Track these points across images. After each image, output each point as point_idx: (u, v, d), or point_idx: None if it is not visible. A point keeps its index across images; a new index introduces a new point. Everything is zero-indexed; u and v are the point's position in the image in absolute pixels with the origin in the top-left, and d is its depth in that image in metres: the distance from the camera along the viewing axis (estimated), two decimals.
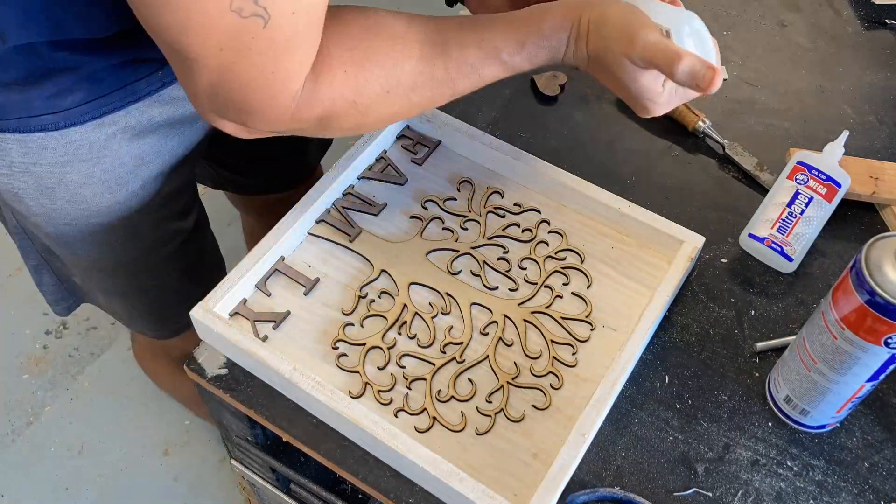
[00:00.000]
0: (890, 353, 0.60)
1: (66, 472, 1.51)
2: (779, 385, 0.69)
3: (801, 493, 0.67)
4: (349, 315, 0.74)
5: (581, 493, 0.66)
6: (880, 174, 0.84)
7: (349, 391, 0.69)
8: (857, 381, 0.63)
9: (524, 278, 0.77)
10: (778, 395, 0.70)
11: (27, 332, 1.67)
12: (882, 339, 0.59)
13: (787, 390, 0.68)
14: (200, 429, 1.56)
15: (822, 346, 0.63)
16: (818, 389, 0.65)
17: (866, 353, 0.60)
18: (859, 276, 0.58)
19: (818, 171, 0.78)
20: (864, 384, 0.64)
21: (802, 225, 0.78)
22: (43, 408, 1.58)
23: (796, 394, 0.68)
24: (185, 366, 0.73)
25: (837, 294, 0.61)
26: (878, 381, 0.64)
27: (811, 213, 0.78)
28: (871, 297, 0.57)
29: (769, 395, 0.71)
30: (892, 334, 0.58)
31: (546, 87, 0.94)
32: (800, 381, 0.67)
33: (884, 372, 0.62)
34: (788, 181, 0.79)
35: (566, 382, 0.71)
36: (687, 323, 0.76)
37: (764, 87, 0.97)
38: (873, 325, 0.58)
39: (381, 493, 0.67)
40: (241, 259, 0.75)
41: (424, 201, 0.82)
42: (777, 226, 0.78)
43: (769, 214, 0.79)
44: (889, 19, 1.05)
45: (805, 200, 0.78)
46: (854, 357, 0.61)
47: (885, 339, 0.59)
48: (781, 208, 0.78)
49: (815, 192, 0.78)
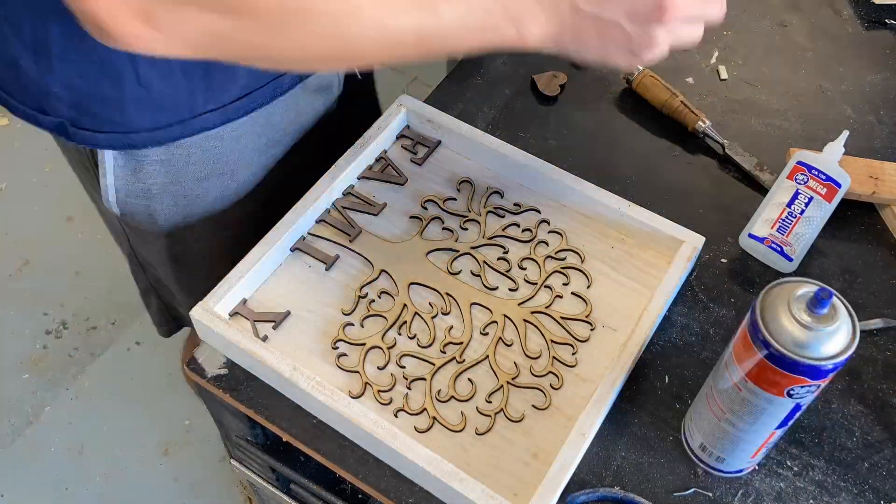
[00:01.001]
0: (794, 402, 0.57)
1: (66, 472, 1.51)
2: (693, 432, 0.67)
3: (801, 493, 0.67)
4: (349, 315, 0.74)
5: (581, 493, 0.65)
6: (880, 174, 0.84)
7: (349, 391, 0.69)
8: (767, 429, 0.61)
9: (524, 278, 0.77)
10: (693, 443, 0.67)
11: (27, 332, 1.67)
12: (784, 391, 0.56)
13: (701, 438, 0.66)
14: (200, 429, 1.56)
15: (728, 397, 0.61)
16: (730, 438, 0.63)
17: (772, 404, 0.58)
18: (755, 328, 0.55)
19: (818, 171, 0.78)
20: (774, 431, 0.61)
21: (802, 225, 0.78)
22: (43, 408, 1.58)
23: (710, 441, 0.65)
24: (185, 366, 0.73)
25: (738, 346, 0.58)
26: (787, 427, 0.61)
27: (811, 212, 0.77)
28: (769, 351, 0.54)
29: (684, 440, 0.69)
30: (793, 386, 0.55)
31: (546, 87, 0.94)
32: (712, 430, 0.64)
33: (792, 418, 0.60)
34: (788, 181, 0.79)
35: (566, 382, 0.71)
36: (687, 323, 0.76)
37: (764, 87, 0.97)
38: (774, 377, 0.56)
39: (381, 493, 0.67)
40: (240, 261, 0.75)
41: (424, 201, 0.82)
42: (777, 226, 0.78)
43: (769, 214, 0.79)
44: (889, 19, 1.05)
45: (805, 200, 0.78)
46: (760, 408, 0.59)
47: (788, 391, 0.56)
48: (781, 208, 0.78)
49: (814, 192, 0.77)
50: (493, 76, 0.97)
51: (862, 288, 0.79)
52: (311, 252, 0.78)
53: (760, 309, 0.55)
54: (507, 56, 0.99)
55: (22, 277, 1.73)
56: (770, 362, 0.55)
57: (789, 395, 0.56)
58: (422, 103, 0.87)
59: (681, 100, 0.90)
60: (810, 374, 0.54)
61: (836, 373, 0.55)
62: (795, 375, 0.55)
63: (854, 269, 0.81)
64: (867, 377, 0.74)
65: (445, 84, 0.96)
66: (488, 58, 0.99)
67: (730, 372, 0.60)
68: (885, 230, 0.84)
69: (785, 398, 0.57)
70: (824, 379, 0.55)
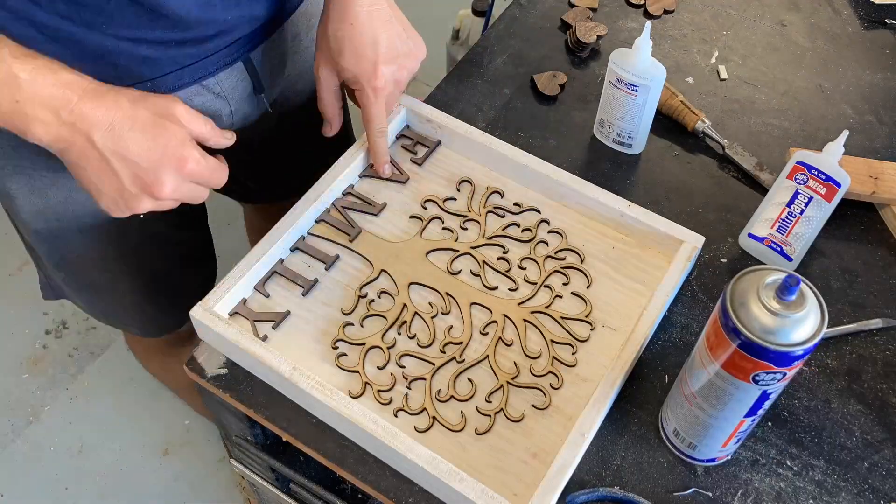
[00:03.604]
0: (760, 389, 0.58)
1: (66, 472, 1.51)
2: (668, 418, 0.68)
3: (800, 492, 0.67)
4: (349, 315, 0.74)
5: (581, 493, 0.65)
6: (880, 174, 0.84)
7: (349, 391, 0.69)
8: (735, 416, 0.61)
9: (524, 278, 0.77)
10: (668, 428, 0.68)
11: (27, 332, 1.67)
12: (750, 376, 0.57)
13: (675, 423, 0.66)
14: (200, 429, 1.56)
15: (699, 382, 0.61)
16: (701, 424, 0.64)
17: (738, 389, 0.58)
18: (725, 314, 0.56)
19: (818, 171, 0.78)
20: (742, 419, 0.62)
21: (802, 225, 0.78)
22: (43, 408, 1.58)
23: (682, 427, 0.66)
24: (185, 365, 0.73)
25: (709, 331, 0.59)
26: (757, 417, 0.62)
27: (811, 212, 0.77)
28: (737, 336, 0.55)
29: (661, 428, 0.69)
30: (759, 372, 0.56)
31: (546, 87, 0.94)
32: (684, 416, 0.65)
33: (760, 407, 0.60)
34: (788, 181, 0.79)
35: (566, 382, 0.71)
36: (687, 323, 0.76)
37: (764, 86, 0.97)
38: (741, 363, 0.56)
39: (381, 492, 0.67)
40: (242, 258, 0.75)
41: (424, 201, 0.82)
42: (777, 225, 0.78)
43: (769, 214, 0.79)
44: (889, 19, 1.05)
45: (805, 200, 0.78)
46: (728, 393, 0.59)
47: (753, 377, 0.57)
48: (781, 208, 0.78)
49: (814, 191, 0.77)
50: (493, 76, 0.97)
51: (862, 288, 0.80)
52: (310, 252, 0.78)
53: (730, 296, 0.56)
54: (507, 56, 0.99)
55: (22, 277, 1.73)
56: (740, 349, 0.56)
57: (755, 380, 0.57)
58: (422, 103, 0.87)
59: (680, 99, 0.90)
60: (779, 361, 0.55)
61: (802, 361, 0.56)
62: (763, 362, 0.55)
63: (854, 269, 0.81)
64: (867, 377, 0.74)
65: (445, 84, 0.96)
66: (488, 58, 0.99)
67: (701, 357, 0.60)
68: (885, 230, 0.84)
69: (751, 384, 0.57)
70: (790, 366, 0.56)
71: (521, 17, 1.04)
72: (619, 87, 0.83)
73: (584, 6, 1.04)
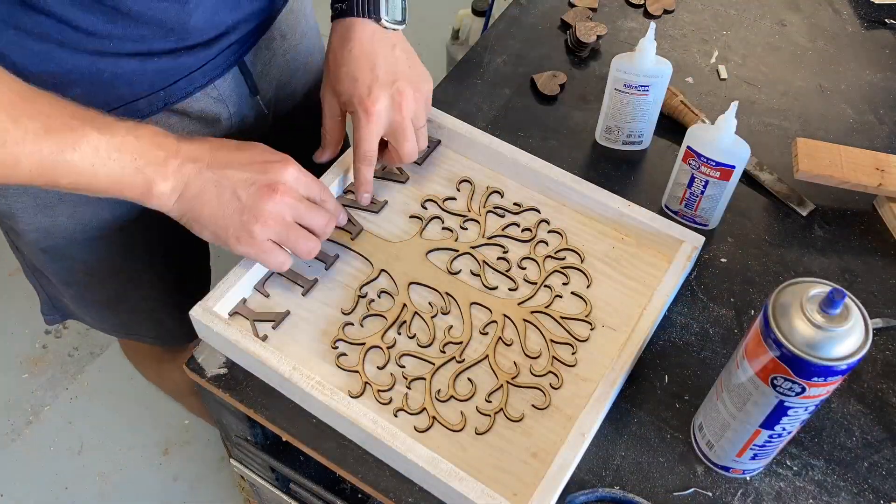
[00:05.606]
0: (778, 398, 0.57)
1: (66, 472, 1.51)
2: (700, 413, 0.68)
3: (800, 492, 0.67)
4: (349, 315, 0.74)
5: (580, 493, 0.65)
6: (886, 166, 0.84)
7: (349, 391, 0.69)
8: (752, 421, 0.61)
9: (524, 278, 0.77)
10: (696, 421, 0.68)
11: (27, 332, 1.68)
12: (769, 377, 0.56)
13: (702, 417, 0.67)
14: (200, 429, 1.56)
15: (728, 375, 0.62)
16: (720, 422, 0.64)
17: (757, 390, 0.58)
18: (767, 328, 0.55)
19: (707, 159, 0.76)
20: (758, 429, 0.61)
21: (707, 201, 0.80)
22: (43, 408, 1.58)
23: (707, 422, 0.66)
24: (185, 365, 0.73)
25: (751, 328, 0.59)
26: (773, 431, 0.61)
27: (711, 191, 0.79)
28: (781, 351, 0.54)
29: (692, 423, 0.70)
30: (777, 375, 0.55)
31: (546, 86, 0.94)
32: (710, 410, 0.65)
33: (777, 422, 0.60)
34: (684, 164, 0.78)
35: (566, 382, 0.71)
36: (687, 323, 0.76)
37: (764, 86, 0.97)
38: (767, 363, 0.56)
39: (381, 492, 0.66)
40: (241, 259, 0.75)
41: (424, 201, 0.82)
42: (684, 203, 0.81)
43: (675, 192, 0.81)
44: (889, 19, 1.05)
45: (702, 183, 0.78)
46: (747, 392, 0.59)
47: (771, 379, 0.56)
48: (683, 188, 0.80)
49: (709, 176, 0.77)
50: (493, 76, 0.97)
51: (862, 288, 0.79)
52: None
53: (772, 308, 0.55)
54: (507, 56, 0.99)
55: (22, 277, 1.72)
56: (782, 362, 0.55)
57: (773, 384, 0.56)
58: None
59: (681, 99, 0.90)
60: (823, 375, 0.54)
61: (823, 381, 0.55)
62: (783, 365, 0.55)
63: (854, 269, 0.81)
64: (867, 377, 0.74)
65: (445, 84, 0.96)
66: (488, 58, 0.99)
67: (738, 352, 0.60)
68: (885, 230, 0.84)
69: (769, 387, 0.57)
70: (810, 381, 0.55)
71: (520, 17, 1.04)
72: (627, 92, 0.83)
73: (584, 6, 1.04)
